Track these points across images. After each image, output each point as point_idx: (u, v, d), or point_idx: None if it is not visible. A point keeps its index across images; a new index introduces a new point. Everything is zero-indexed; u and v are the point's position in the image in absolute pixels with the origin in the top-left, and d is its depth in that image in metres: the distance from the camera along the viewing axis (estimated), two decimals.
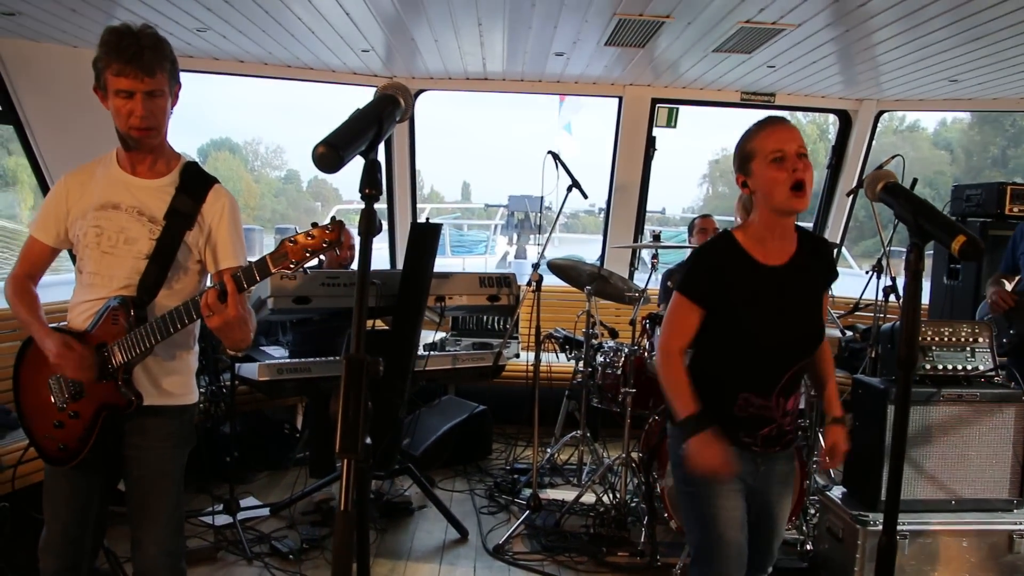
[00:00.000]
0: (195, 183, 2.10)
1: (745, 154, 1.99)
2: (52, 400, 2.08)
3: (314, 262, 1.83)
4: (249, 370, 3.56)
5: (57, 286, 3.13)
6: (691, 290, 2.05)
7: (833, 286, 2.23)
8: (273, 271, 1.79)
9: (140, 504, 2.10)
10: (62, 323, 2.12)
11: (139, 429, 2.08)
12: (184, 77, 2.10)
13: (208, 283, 2.20)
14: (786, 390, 2.06)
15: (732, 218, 2.40)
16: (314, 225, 1.76)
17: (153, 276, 2.03)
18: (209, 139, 45.96)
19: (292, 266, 1.76)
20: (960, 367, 3.20)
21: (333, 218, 1.77)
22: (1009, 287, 3.69)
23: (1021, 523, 3.09)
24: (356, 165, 1.32)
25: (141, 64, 1.88)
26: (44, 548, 2.11)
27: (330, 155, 1.22)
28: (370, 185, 1.30)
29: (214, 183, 2.12)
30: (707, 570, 2.12)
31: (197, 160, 2.24)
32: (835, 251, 2.07)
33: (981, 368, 3.21)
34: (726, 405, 2.04)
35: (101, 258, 2.04)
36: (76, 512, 2.09)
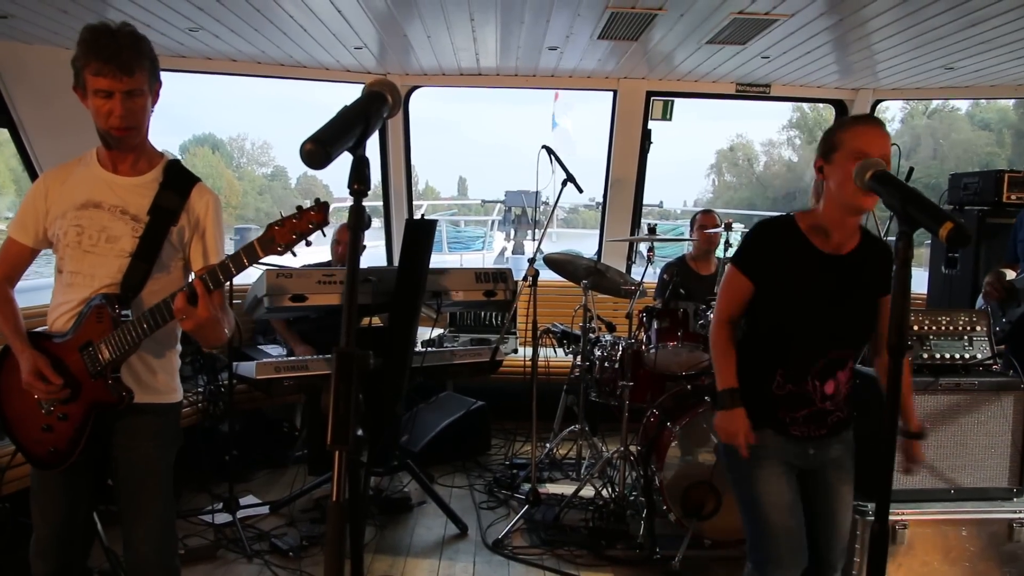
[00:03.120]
0: (178, 180, 2.09)
1: (831, 143, 1.98)
2: (38, 404, 2.04)
3: (314, 260, 1.82)
4: (247, 369, 3.56)
5: (31, 291, 3.10)
6: (743, 263, 2.12)
7: None
8: (261, 256, 1.78)
9: (129, 504, 2.09)
10: (43, 327, 2.09)
11: (126, 429, 2.07)
12: (172, 76, 2.09)
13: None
14: (822, 375, 2.06)
15: (736, 211, 2.41)
16: (299, 208, 1.75)
17: (137, 273, 2.02)
18: (192, 135, 45.66)
19: (280, 249, 1.75)
20: (958, 356, 3.18)
21: (317, 199, 1.75)
22: (1012, 276, 3.67)
23: (1020, 511, 3.08)
24: (348, 162, 1.33)
25: (120, 63, 1.86)
26: (35, 552, 2.09)
27: (318, 151, 1.24)
28: (358, 181, 1.30)
29: (197, 181, 2.12)
30: (758, 556, 2.13)
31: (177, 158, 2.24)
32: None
33: (979, 356, 3.20)
34: (765, 382, 2.09)
35: (83, 257, 2.02)
36: (65, 514, 2.07)
